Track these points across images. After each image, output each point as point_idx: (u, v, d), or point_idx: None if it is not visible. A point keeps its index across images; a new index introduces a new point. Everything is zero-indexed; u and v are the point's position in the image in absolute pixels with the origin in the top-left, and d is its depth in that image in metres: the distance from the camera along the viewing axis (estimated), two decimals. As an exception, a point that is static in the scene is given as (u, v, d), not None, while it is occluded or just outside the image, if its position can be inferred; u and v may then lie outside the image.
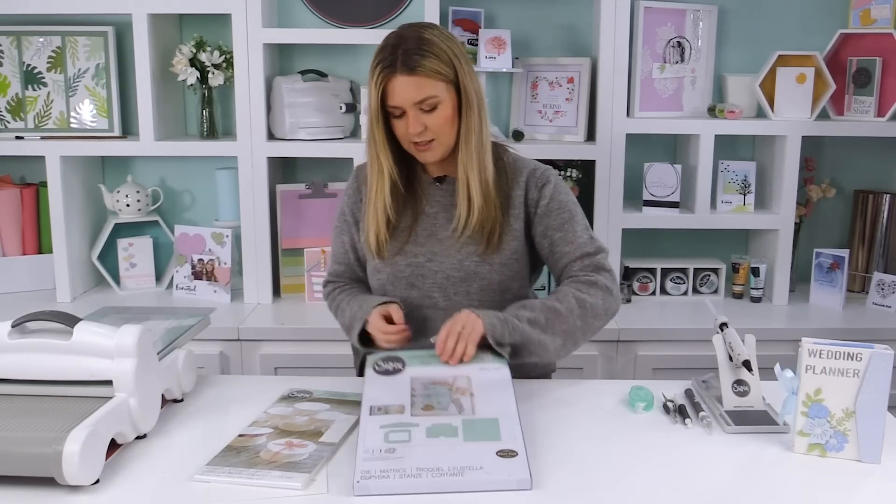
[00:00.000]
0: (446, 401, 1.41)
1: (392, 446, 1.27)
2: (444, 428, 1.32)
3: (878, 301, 2.57)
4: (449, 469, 1.23)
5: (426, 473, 1.22)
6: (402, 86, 1.58)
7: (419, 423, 1.33)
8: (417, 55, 1.57)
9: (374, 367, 1.52)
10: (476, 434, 1.31)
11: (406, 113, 1.60)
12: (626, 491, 1.24)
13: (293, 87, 2.52)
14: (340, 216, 1.81)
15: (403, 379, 1.49)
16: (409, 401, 1.41)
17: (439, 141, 1.63)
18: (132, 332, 1.33)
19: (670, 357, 2.35)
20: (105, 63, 2.59)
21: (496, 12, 2.68)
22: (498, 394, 1.43)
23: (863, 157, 2.77)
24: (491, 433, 1.31)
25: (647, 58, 2.59)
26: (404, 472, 1.22)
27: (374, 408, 1.38)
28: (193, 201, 2.81)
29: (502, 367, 1.51)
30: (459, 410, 1.38)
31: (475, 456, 1.26)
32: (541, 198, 1.70)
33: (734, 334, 1.53)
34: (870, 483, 1.28)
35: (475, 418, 1.36)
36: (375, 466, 1.23)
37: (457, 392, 1.43)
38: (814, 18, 2.69)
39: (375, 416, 1.36)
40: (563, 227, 1.69)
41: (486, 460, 1.25)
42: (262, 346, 2.34)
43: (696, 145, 2.55)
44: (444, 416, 1.36)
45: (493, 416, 1.36)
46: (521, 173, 1.72)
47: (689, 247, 2.78)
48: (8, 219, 2.65)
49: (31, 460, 1.18)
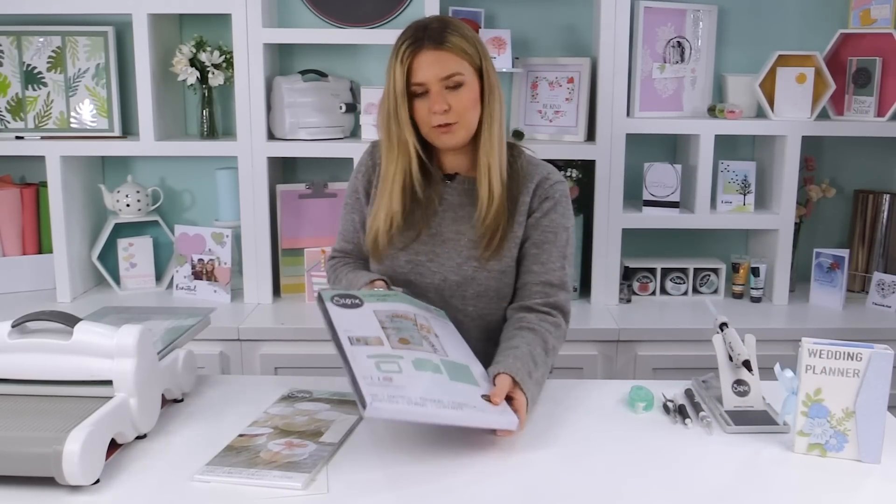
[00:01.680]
0: (418, 336, 1.42)
1: (388, 375, 1.28)
2: (427, 363, 1.35)
3: (878, 301, 2.57)
4: (449, 402, 1.26)
5: (429, 404, 1.25)
6: (429, 60, 1.56)
7: (403, 356, 1.35)
8: (446, 32, 1.58)
9: (333, 301, 1.44)
10: (456, 376, 1.37)
11: (430, 91, 1.58)
12: (626, 491, 1.24)
13: (293, 87, 2.52)
14: (353, 193, 1.77)
15: (366, 311, 1.44)
16: (382, 333, 1.39)
17: (461, 124, 1.60)
18: (132, 332, 1.33)
19: (670, 357, 2.35)
20: (105, 63, 2.59)
21: (496, 12, 2.68)
22: (454, 339, 1.49)
23: (863, 157, 2.77)
24: (467, 378, 1.37)
25: (647, 58, 2.59)
26: (410, 400, 1.24)
27: (353, 338, 1.35)
28: (193, 201, 2.81)
29: (443, 317, 1.57)
30: (433, 350, 1.41)
31: (466, 395, 1.32)
32: (537, 210, 1.67)
33: (734, 334, 1.53)
34: (870, 483, 1.28)
35: (450, 360, 1.40)
36: (381, 391, 1.23)
37: (423, 329, 1.45)
38: (814, 18, 2.69)
39: (357, 346, 1.33)
40: (541, 245, 1.66)
41: (478, 402, 1.31)
42: (262, 346, 2.34)
43: (696, 145, 2.55)
44: (423, 352, 1.38)
45: (463, 363, 1.41)
46: (531, 178, 1.68)
47: (689, 247, 2.78)
48: (8, 219, 2.65)
49: (31, 460, 1.18)
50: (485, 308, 1.67)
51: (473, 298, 1.66)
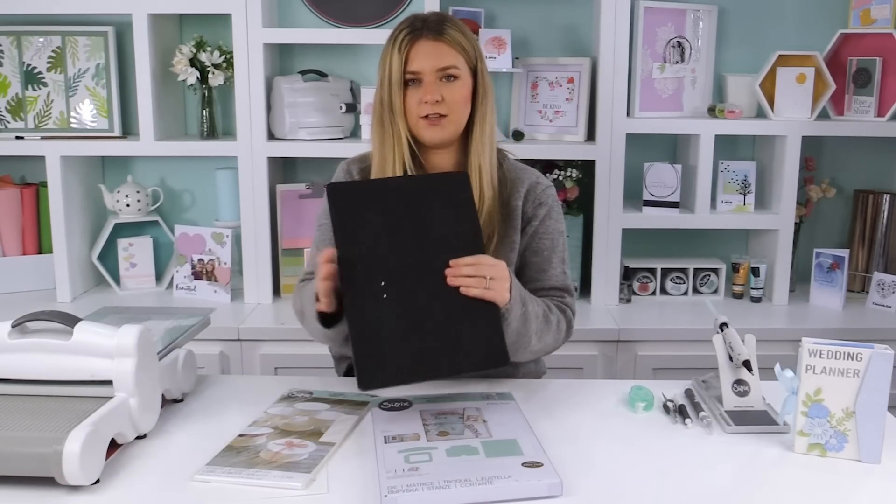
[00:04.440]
0: (461, 427, 1.39)
1: (414, 466, 1.25)
2: (463, 449, 1.30)
3: (878, 301, 2.57)
4: (478, 479, 1.20)
5: (455, 484, 1.19)
6: (427, 50, 1.57)
7: (437, 447, 1.31)
8: (445, 25, 1.59)
9: (381, 406, 1.49)
10: (497, 451, 1.30)
11: (423, 81, 1.57)
12: (625, 491, 1.24)
13: (293, 87, 2.52)
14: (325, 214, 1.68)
15: (412, 412, 1.46)
16: (422, 429, 1.38)
17: (450, 118, 1.59)
18: (132, 332, 1.33)
19: (670, 357, 2.35)
20: (105, 63, 2.59)
21: (496, 12, 2.68)
22: (510, 418, 1.42)
23: (863, 157, 2.77)
24: (512, 450, 1.30)
25: (647, 58, 2.59)
26: (432, 485, 1.19)
27: (388, 437, 1.35)
28: (193, 201, 2.81)
29: (509, 400, 1.51)
30: (476, 434, 1.36)
31: (501, 467, 1.24)
32: (534, 217, 1.67)
33: (734, 334, 1.53)
34: (870, 483, 1.28)
35: (493, 439, 1.34)
36: (401, 482, 1.20)
37: (469, 420, 1.42)
38: (814, 18, 2.69)
39: (391, 444, 1.33)
40: (541, 253, 1.67)
41: (513, 470, 1.23)
42: (262, 346, 2.34)
43: (696, 145, 2.55)
44: (462, 440, 1.34)
45: (511, 437, 1.34)
46: (522, 183, 1.68)
47: (689, 247, 2.78)
48: (8, 219, 2.65)
49: (31, 460, 1.18)
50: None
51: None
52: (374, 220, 1.42)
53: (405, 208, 1.43)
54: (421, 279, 1.39)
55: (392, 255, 1.40)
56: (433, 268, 1.40)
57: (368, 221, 1.42)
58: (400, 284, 1.39)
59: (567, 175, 2.58)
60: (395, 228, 1.42)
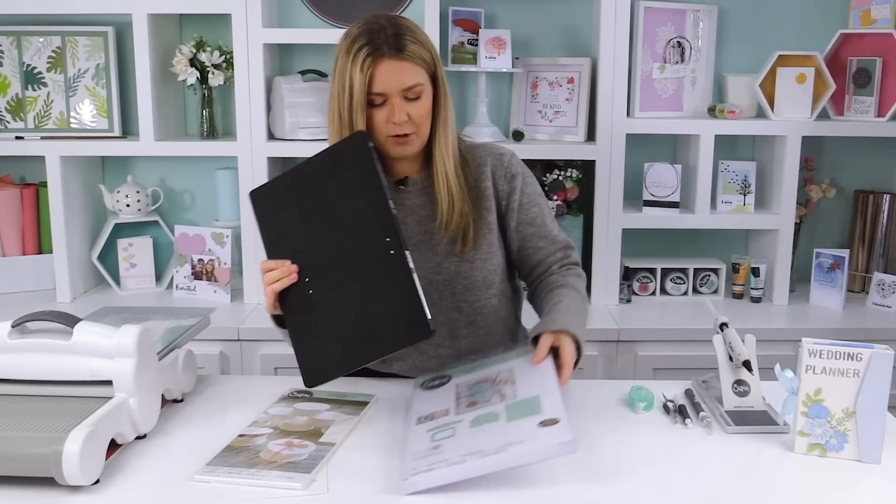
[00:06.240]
0: (489, 394, 1.42)
1: (438, 444, 1.29)
2: (486, 417, 1.34)
3: (878, 301, 2.57)
4: (493, 449, 1.23)
5: (471, 458, 1.22)
6: (391, 70, 1.51)
7: (463, 419, 1.35)
8: (405, 39, 1.53)
9: (423, 385, 1.55)
10: (518, 413, 1.32)
11: (388, 101, 1.54)
12: (626, 491, 1.24)
13: (293, 87, 2.52)
14: None
15: (449, 387, 1.52)
16: (454, 403, 1.43)
17: (418, 133, 1.57)
18: (132, 332, 1.33)
19: (670, 357, 2.35)
20: (105, 63, 2.59)
21: (496, 12, 2.68)
22: (539, 374, 1.43)
23: (863, 157, 2.77)
24: (532, 409, 1.32)
25: (647, 58, 2.59)
26: (449, 461, 1.23)
27: (421, 417, 1.42)
28: (193, 201, 2.81)
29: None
30: (501, 398, 1.39)
31: (517, 432, 1.26)
32: (511, 191, 1.67)
33: (734, 334, 1.53)
34: (870, 483, 1.28)
35: (517, 401, 1.37)
36: (421, 463, 1.24)
37: (499, 384, 1.45)
38: (814, 18, 2.69)
39: (422, 423, 1.39)
40: (534, 221, 1.68)
41: (528, 433, 1.25)
42: (262, 347, 2.34)
43: (696, 145, 2.55)
44: (487, 408, 1.37)
45: (534, 395, 1.36)
46: (484, 162, 1.67)
47: (689, 247, 2.78)
48: (8, 219, 2.65)
49: (31, 460, 1.18)
50: (476, 301, 1.65)
51: (463, 293, 1.64)
52: (291, 215, 1.46)
53: (315, 193, 1.45)
54: (337, 266, 1.41)
55: (311, 248, 1.44)
56: (346, 250, 1.41)
57: (286, 218, 1.47)
58: (321, 277, 1.42)
59: (567, 175, 2.58)
60: (307, 217, 1.45)
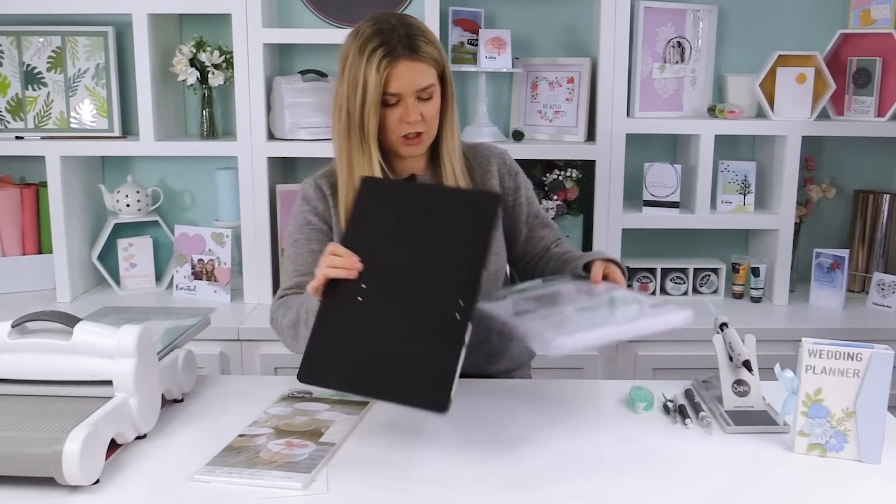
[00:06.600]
0: (563, 301, 1.45)
1: (558, 323, 1.31)
2: (589, 308, 1.38)
3: (878, 301, 2.57)
4: (623, 319, 1.30)
5: (607, 325, 1.27)
6: (407, 71, 1.52)
7: (564, 311, 1.38)
8: (419, 40, 1.54)
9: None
10: (621, 303, 1.38)
11: (401, 101, 1.55)
12: (626, 491, 1.24)
13: (293, 87, 2.52)
14: (305, 225, 1.67)
15: (507, 302, 1.50)
16: (534, 305, 1.45)
17: (429, 132, 1.59)
18: (132, 332, 1.33)
19: (670, 357, 2.35)
20: (105, 63, 2.59)
21: (496, 12, 2.68)
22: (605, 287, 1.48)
23: (863, 157, 2.77)
24: (631, 300, 1.39)
25: (647, 58, 2.59)
26: (587, 329, 1.26)
27: (517, 312, 1.41)
28: (193, 201, 2.81)
29: None
30: (589, 297, 1.44)
31: (636, 311, 1.33)
32: (517, 187, 1.74)
33: (734, 334, 1.53)
34: (870, 483, 1.28)
35: (609, 297, 1.41)
36: (555, 331, 1.26)
37: (568, 295, 1.48)
38: (814, 18, 2.69)
39: (521, 316, 1.38)
40: (539, 213, 1.79)
41: (647, 310, 1.32)
42: (262, 346, 2.34)
43: (696, 145, 2.55)
44: (580, 303, 1.41)
45: (622, 296, 1.43)
46: (488, 161, 1.72)
47: (689, 247, 2.78)
48: (8, 219, 2.65)
49: (31, 460, 1.18)
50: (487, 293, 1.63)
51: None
52: (387, 220, 1.41)
53: (421, 216, 1.40)
54: (399, 292, 1.35)
55: (385, 261, 1.37)
56: (417, 284, 1.35)
57: (380, 220, 1.41)
58: (378, 292, 1.35)
59: (567, 175, 2.58)
60: (400, 233, 1.40)
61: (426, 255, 1.36)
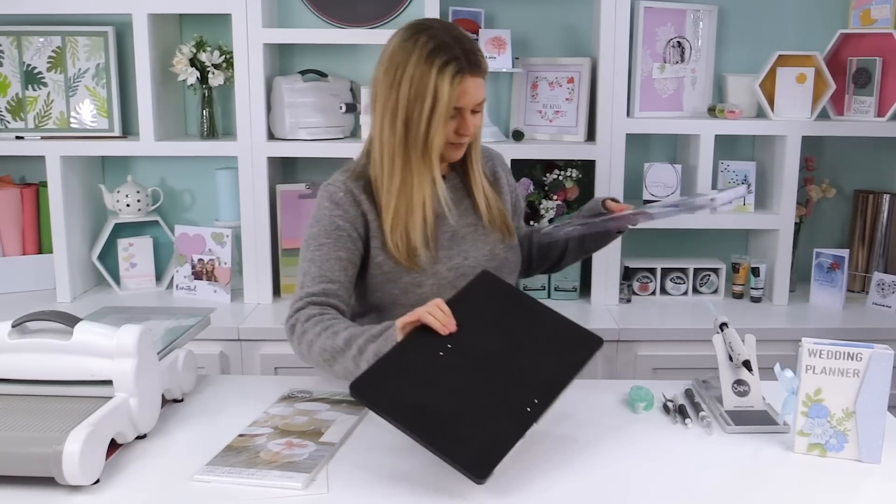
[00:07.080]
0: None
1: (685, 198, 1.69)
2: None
3: (878, 301, 2.57)
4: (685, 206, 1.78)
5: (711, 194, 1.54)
6: (474, 87, 1.58)
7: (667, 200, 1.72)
8: (479, 56, 1.60)
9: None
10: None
11: (463, 114, 1.60)
12: (625, 491, 1.24)
13: (293, 87, 2.52)
14: (333, 230, 1.62)
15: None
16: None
17: (472, 140, 1.68)
18: (132, 332, 1.33)
19: (670, 357, 2.35)
20: (105, 63, 2.59)
21: (496, 12, 2.68)
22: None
23: (863, 157, 2.77)
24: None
25: (647, 58, 2.59)
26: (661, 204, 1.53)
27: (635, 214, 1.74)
28: (193, 201, 2.81)
29: None
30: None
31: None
32: (515, 185, 1.89)
33: (734, 334, 1.53)
34: (870, 483, 1.28)
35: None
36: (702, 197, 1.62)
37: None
38: (814, 18, 2.69)
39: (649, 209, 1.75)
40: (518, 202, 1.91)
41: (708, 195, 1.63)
42: (262, 346, 2.34)
43: (696, 145, 2.55)
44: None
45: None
46: (493, 162, 1.84)
47: (689, 247, 2.78)
48: (8, 219, 2.65)
49: (31, 460, 1.18)
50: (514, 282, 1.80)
51: (507, 277, 1.71)
52: (496, 312, 1.48)
53: (529, 323, 1.47)
54: (486, 367, 1.37)
55: (482, 339, 1.42)
56: (501, 367, 1.38)
57: (490, 311, 1.48)
58: (463, 359, 1.38)
59: (567, 175, 2.58)
60: (505, 327, 1.45)
61: (519, 353, 1.41)
